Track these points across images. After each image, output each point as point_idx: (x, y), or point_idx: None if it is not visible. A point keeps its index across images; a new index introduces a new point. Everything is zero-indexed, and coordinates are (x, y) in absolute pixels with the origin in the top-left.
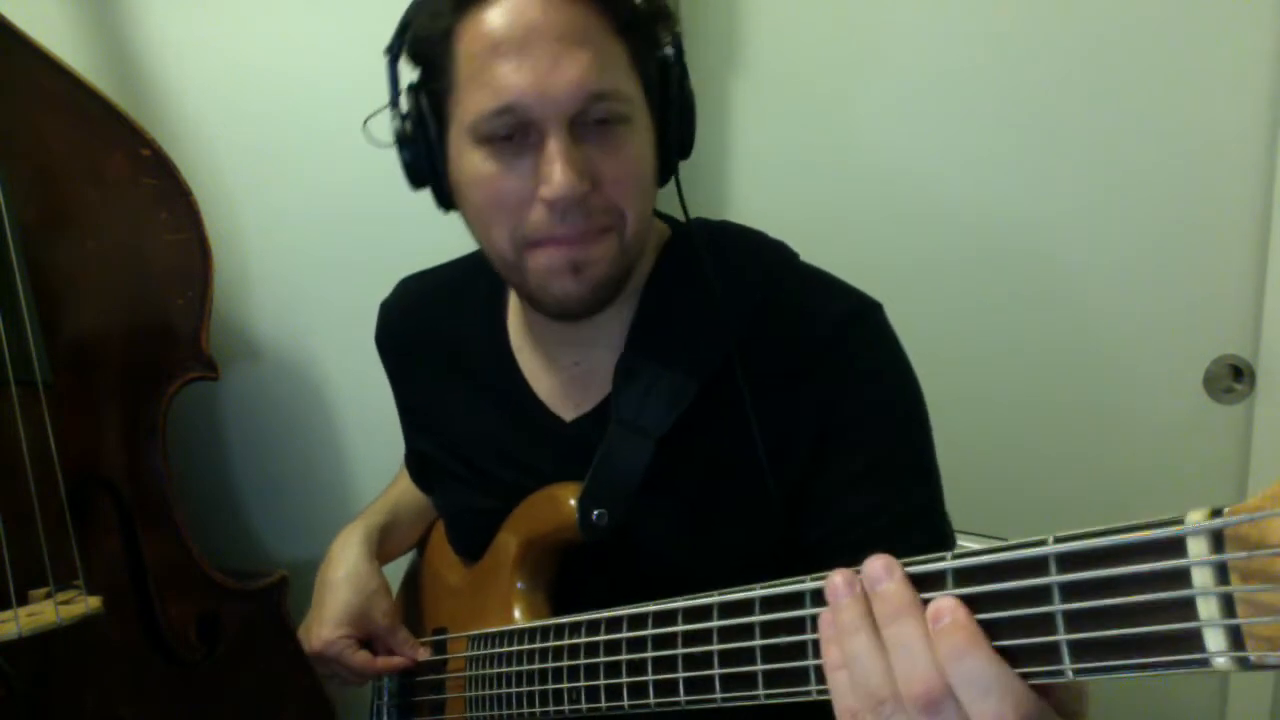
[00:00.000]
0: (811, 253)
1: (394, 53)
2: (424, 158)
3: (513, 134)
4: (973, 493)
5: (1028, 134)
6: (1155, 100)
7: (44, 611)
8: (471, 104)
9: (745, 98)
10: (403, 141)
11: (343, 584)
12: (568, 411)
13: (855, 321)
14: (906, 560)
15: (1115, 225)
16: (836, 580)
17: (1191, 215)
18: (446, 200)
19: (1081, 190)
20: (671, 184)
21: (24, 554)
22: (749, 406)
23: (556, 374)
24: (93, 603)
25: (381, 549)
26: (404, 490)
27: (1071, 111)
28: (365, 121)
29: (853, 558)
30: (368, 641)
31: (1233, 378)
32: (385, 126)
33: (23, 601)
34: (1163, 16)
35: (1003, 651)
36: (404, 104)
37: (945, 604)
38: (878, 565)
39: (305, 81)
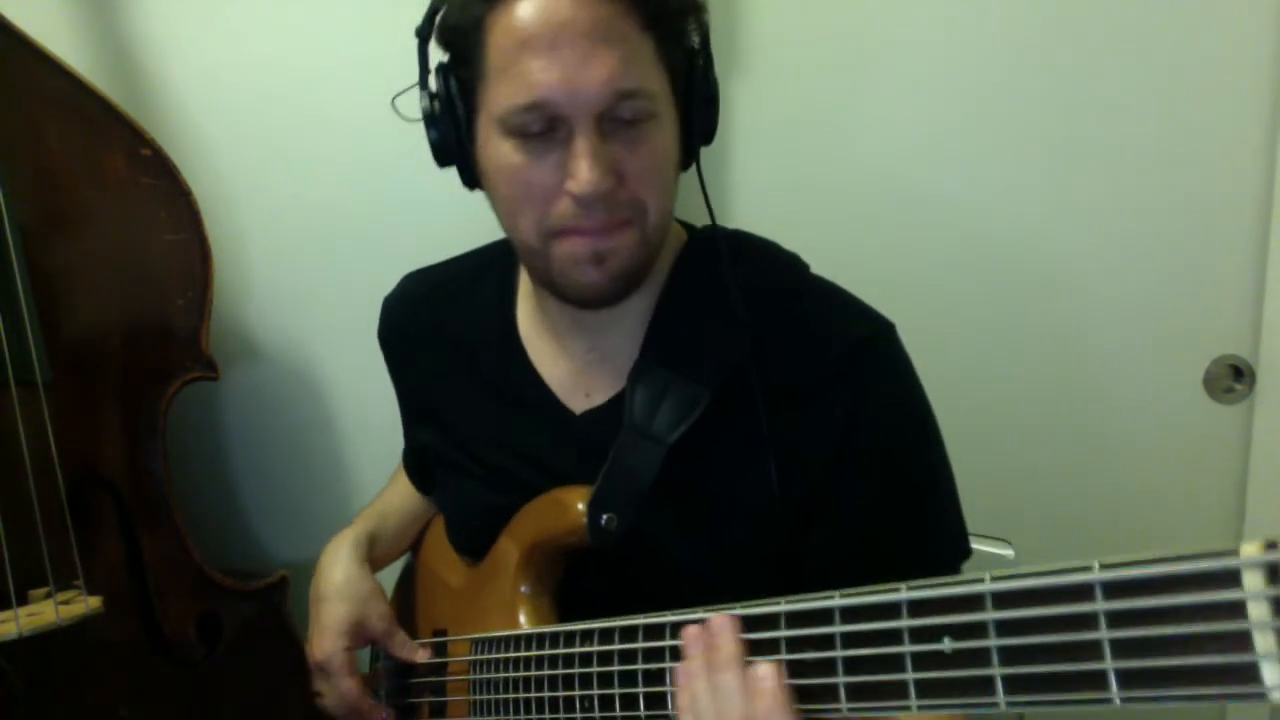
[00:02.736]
0: (811, 253)
1: (424, 35)
2: (451, 138)
3: (542, 128)
4: (973, 493)
5: (1026, 134)
6: (1155, 101)
7: (44, 611)
8: (501, 96)
9: (745, 99)
10: (431, 121)
11: (336, 595)
12: (577, 403)
13: (873, 344)
14: (923, 582)
15: (1115, 225)
16: (690, 632)
17: (1191, 215)
18: (472, 180)
19: (1081, 190)
20: (686, 183)
21: (24, 554)
22: (763, 418)
23: (568, 361)
24: (93, 603)
25: (371, 554)
26: (395, 494)
27: (1071, 112)
28: (394, 99)
29: (864, 576)
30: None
31: (1233, 378)
32: (405, 104)
33: (23, 601)
34: (1163, 17)
35: (1046, 677)
36: (433, 84)
37: (764, 669)
38: (718, 621)
39: (306, 82)
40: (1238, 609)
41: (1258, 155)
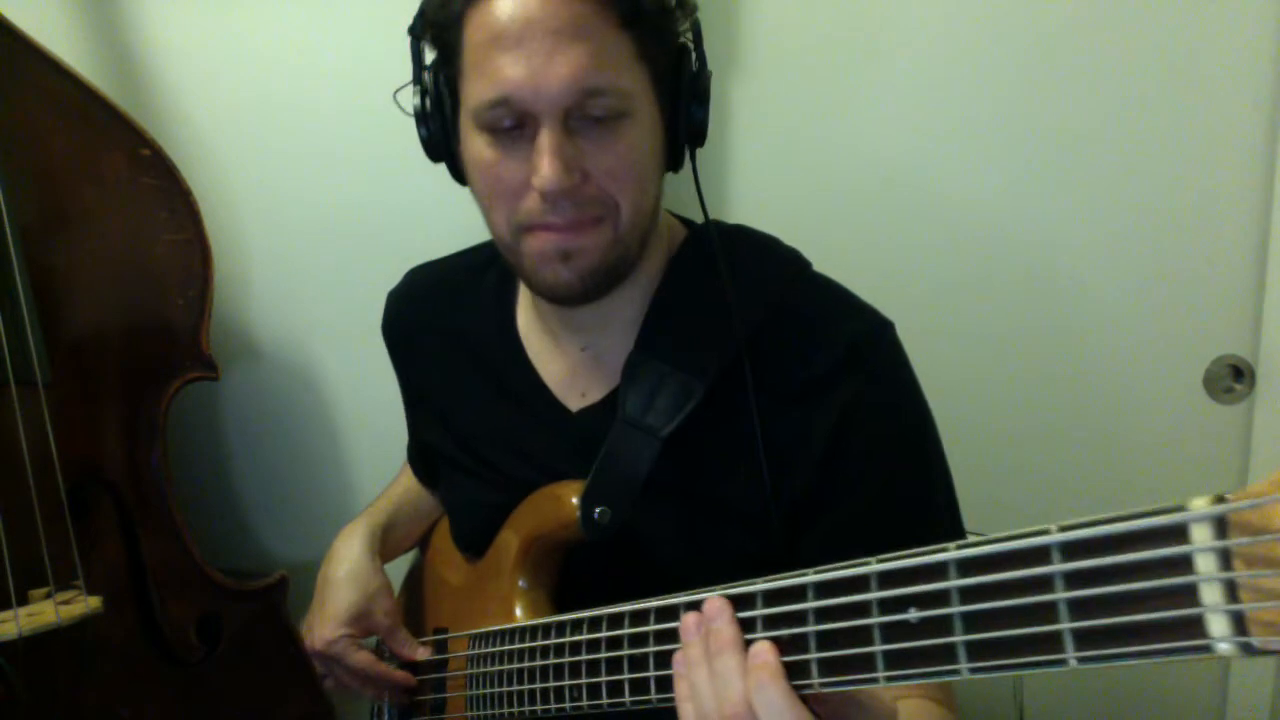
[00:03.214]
0: (811, 253)
1: (416, 33)
2: (439, 134)
3: (514, 124)
4: (972, 493)
5: (1026, 132)
6: (1155, 100)
7: (44, 611)
8: (474, 92)
9: (745, 98)
10: (420, 118)
11: (344, 582)
12: (574, 401)
13: (872, 344)
14: (892, 554)
15: (1115, 225)
16: (688, 622)
17: (1191, 215)
18: (461, 176)
19: (1081, 189)
20: (689, 181)
21: (24, 554)
22: (755, 413)
23: (563, 359)
24: (93, 603)
25: (383, 547)
26: (406, 488)
27: (1071, 112)
28: (396, 93)
29: None
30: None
31: (1233, 378)
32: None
33: (23, 601)
34: (1163, 16)
35: (1005, 641)
36: (424, 82)
37: (761, 646)
38: (714, 605)
39: (305, 82)
40: (1186, 563)
41: (1258, 155)
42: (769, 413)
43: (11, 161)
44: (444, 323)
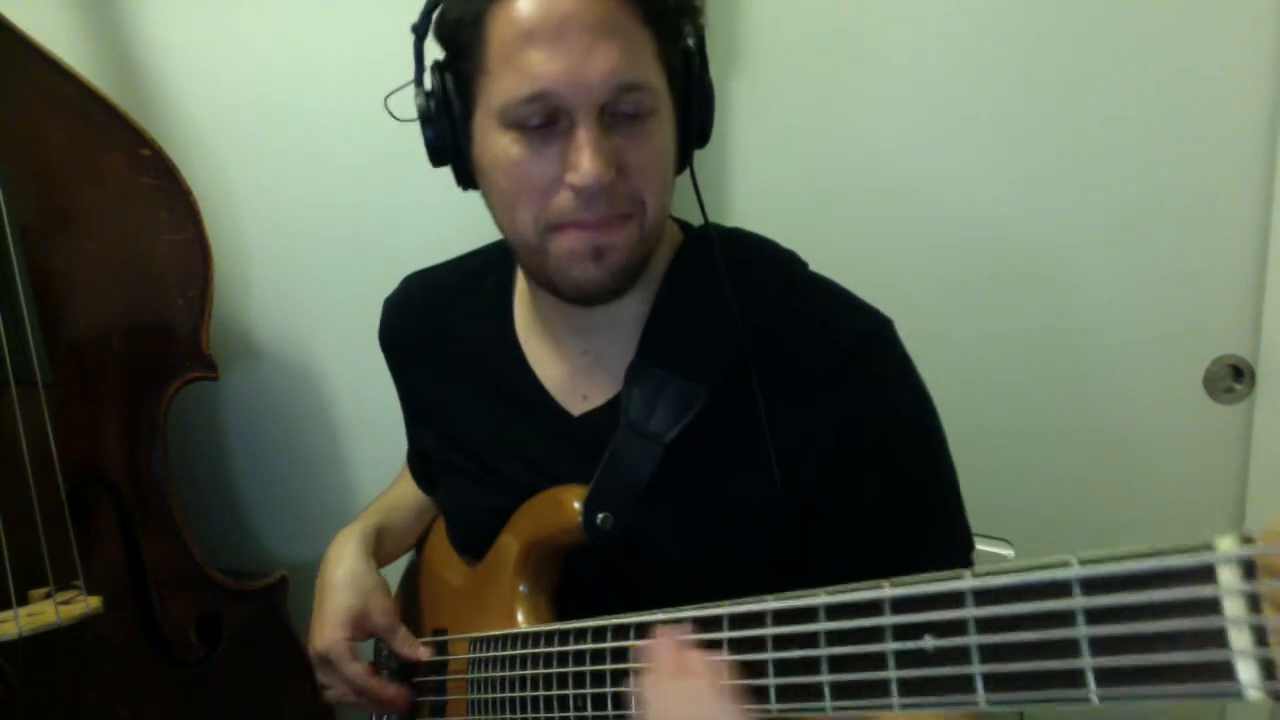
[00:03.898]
0: (811, 252)
1: (420, 31)
2: (447, 136)
3: (543, 121)
4: (973, 493)
5: (1026, 132)
6: (1155, 100)
7: (44, 611)
8: (501, 89)
9: (746, 96)
10: (426, 119)
11: (340, 586)
12: (575, 405)
13: (874, 342)
14: (906, 579)
15: (1115, 224)
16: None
17: (1191, 215)
18: (467, 179)
19: (1081, 189)
20: (684, 182)
21: (24, 554)
22: (764, 416)
23: (564, 363)
24: (92, 603)
25: (378, 550)
26: (402, 492)
27: (1072, 112)
28: (387, 97)
29: (865, 577)
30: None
31: (1233, 378)
32: (400, 105)
33: (23, 601)
34: (1163, 16)
35: (1025, 675)
36: (429, 82)
37: (692, 657)
38: (659, 636)
39: (305, 82)
40: (1213, 605)
41: (1258, 155)
42: (773, 415)
43: (11, 161)
44: (441, 329)
